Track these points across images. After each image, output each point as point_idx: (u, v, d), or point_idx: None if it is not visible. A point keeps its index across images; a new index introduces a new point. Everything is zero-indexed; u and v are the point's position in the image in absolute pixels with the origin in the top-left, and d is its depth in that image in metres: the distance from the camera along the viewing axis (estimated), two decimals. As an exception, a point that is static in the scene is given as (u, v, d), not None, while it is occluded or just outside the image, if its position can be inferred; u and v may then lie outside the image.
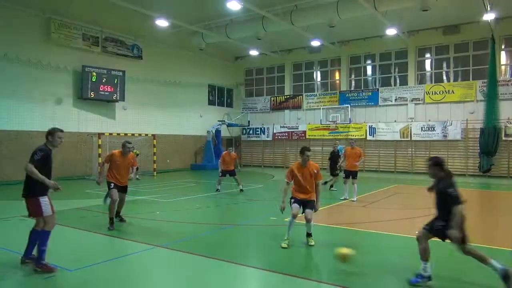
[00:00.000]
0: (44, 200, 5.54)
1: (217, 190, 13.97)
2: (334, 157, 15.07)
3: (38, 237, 5.54)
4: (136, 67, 21.71)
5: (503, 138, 19.55)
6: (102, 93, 19.67)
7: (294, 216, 6.76)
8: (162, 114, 23.29)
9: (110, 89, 19.93)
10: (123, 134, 19.51)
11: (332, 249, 6.96)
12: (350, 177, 12.43)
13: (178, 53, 23.97)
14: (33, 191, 5.51)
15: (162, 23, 19.07)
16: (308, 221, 6.85)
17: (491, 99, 19.54)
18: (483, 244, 7.14)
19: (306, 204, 6.98)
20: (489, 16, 17.43)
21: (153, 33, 21.40)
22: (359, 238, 7.80)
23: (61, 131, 5.89)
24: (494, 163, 19.64)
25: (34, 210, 5.55)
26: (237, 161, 14.64)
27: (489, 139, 19.38)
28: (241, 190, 13.96)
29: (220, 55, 27.24)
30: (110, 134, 19.24)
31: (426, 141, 21.73)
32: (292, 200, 6.99)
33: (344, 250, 5.56)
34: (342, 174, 13.30)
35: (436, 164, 5.50)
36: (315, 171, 6.98)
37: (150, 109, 22.58)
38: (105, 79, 19.67)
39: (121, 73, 20.37)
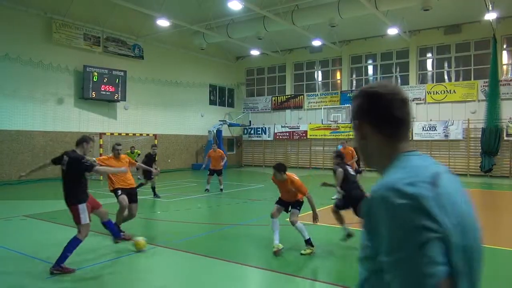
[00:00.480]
0: (83, 208, 5.68)
1: (206, 190, 13.78)
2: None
3: (69, 243, 5.52)
4: (137, 67, 21.73)
5: (505, 138, 19.51)
6: (104, 93, 19.68)
7: (272, 216, 6.49)
8: (163, 114, 23.30)
9: (111, 89, 19.95)
10: (125, 134, 19.54)
11: (333, 249, 6.97)
12: None
13: (179, 53, 23.98)
14: (74, 198, 5.68)
15: (163, 23, 19.06)
16: (291, 223, 6.42)
17: (493, 98, 19.51)
18: (485, 244, 7.11)
19: (292, 204, 6.62)
20: (490, 16, 17.39)
21: (154, 33, 21.41)
22: (360, 238, 7.79)
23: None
24: (495, 163, 19.61)
25: (74, 217, 5.71)
26: (224, 158, 14.34)
27: (490, 139, 19.35)
28: (221, 190, 13.79)
29: (221, 55, 27.25)
30: (112, 134, 19.25)
31: (428, 141, 21.69)
32: (276, 200, 6.81)
33: (139, 239, 6.40)
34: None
35: (338, 156, 7.44)
36: (293, 190, 6.45)
37: (151, 109, 22.61)
38: (106, 79, 19.69)
39: (122, 73, 20.39)
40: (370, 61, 24.63)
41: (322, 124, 24.85)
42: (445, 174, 1.16)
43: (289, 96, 27.01)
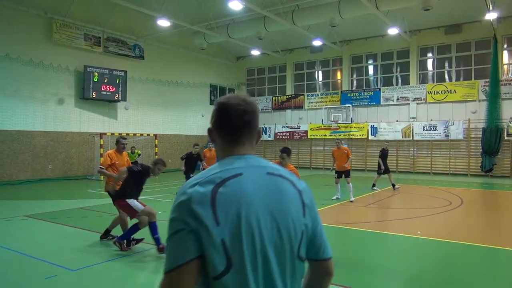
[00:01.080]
0: (131, 201, 6.20)
1: None
2: (384, 156, 14.94)
3: (151, 228, 6.15)
4: (138, 67, 21.73)
5: (506, 138, 19.49)
6: (104, 93, 19.69)
7: None
8: (164, 114, 23.31)
9: (112, 89, 19.96)
10: (125, 134, 19.53)
11: (333, 249, 6.95)
12: (343, 176, 12.33)
13: (180, 53, 23.99)
14: (120, 193, 6.27)
15: (163, 23, 19.06)
16: None
17: (493, 98, 19.51)
18: (486, 244, 7.13)
19: None
20: (491, 16, 17.36)
21: (155, 33, 21.42)
22: (360, 237, 7.80)
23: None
24: (496, 162, 19.60)
25: (128, 212, 6.26)
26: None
27: (491, 139, 19.35)
28: None
29: (221, 55, 27.26)
30: (112, 134, 19.27)
31: (428, 140, 21.69)
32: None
33: None
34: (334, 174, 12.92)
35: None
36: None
37: (152, 109, 22.61)
38: (107, 79, 19.69)
39: (123, 73, 20.40)
40: (370, 61, 24.62)
41: (323, 124, 24.87)
42: (251, 175, 1.33)
43: (289, 96, 27.01)
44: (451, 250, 6.78)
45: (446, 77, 22.17)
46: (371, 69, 24.76)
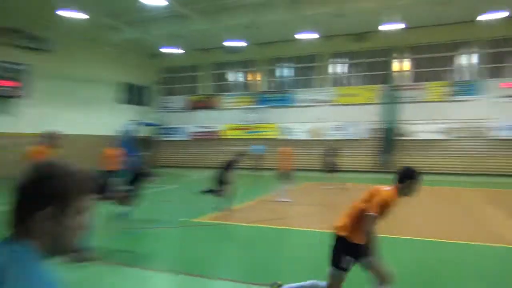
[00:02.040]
0: None
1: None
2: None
3: None
4: (43, 61, 19.91)
5: (402, 138, 21.88)
6: (2, 88, 17.85)
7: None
8: (70, 112, 21.66)
9: (11, 84, 18.16)
10: (27, 134, 17.90)
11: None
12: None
13: (92, 47, 22.50)
14: None
15: (74, 15, 17.75)
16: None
17: (390, 102, 22.06)
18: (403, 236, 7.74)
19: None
20: (393, 27, 18.79)
21: (64, 25, 19.80)
22: (285, 235, 8.00)
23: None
24: (391, 159, 21.80)
25: None
26: (120, 159, 12.38)
27: (387, 138, 21.93)
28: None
29: (137, 51, 26.21)
30: (10, 133, 17.52)
31: (337, 140, 23.09)
32: (352, 260, 3.90)
33: None
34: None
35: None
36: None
37: (57, 106, 20.91)
38: (5, 73, 17.85)
39: (25, 67, 18.64)
40: (286, 64, 25.58)
41: (238, 124, 25.23)
42: None
43: (205, 96, 26.91)
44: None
45: (353, 81, 24.01)
46: (286, 72, 25.71)
